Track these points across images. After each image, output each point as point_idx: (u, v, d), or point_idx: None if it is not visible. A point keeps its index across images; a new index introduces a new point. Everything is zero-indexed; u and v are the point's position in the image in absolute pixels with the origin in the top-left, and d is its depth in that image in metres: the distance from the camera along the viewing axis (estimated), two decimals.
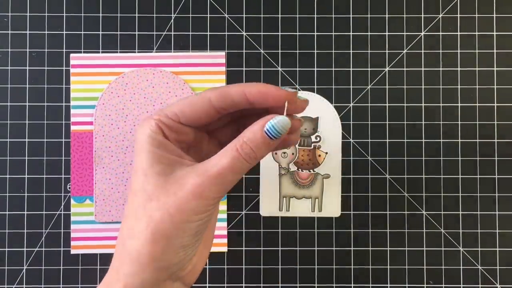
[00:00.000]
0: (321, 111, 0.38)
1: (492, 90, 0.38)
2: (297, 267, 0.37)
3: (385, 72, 0.38)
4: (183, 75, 0.38)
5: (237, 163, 0.23)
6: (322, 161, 0.37)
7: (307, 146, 0.37)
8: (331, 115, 0.38)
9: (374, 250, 0.37)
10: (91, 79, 0.37)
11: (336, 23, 0.38)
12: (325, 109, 0.38)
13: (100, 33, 0.38)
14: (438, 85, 0.38)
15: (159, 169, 0.23)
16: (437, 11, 0.38)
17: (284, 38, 0.38)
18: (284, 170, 0.38)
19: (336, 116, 0.38)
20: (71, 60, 0.38)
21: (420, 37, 0.38)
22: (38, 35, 0.38)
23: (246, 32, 0.38)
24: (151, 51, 0.38)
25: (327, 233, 0.38)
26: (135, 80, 0.37)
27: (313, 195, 0.37)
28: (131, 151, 0.37)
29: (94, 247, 0.37)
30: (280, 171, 0.38)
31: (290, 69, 0.38)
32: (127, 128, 0.37)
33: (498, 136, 0.38)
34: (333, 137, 0.37)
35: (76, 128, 0.37)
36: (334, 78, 0.38)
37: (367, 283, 0.37)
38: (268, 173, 0.38)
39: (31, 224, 0.37)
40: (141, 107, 0.37)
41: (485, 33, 0.38)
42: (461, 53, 0.38)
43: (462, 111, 0.38)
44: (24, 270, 0.37)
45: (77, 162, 0.37)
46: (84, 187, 0.37)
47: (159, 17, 0.38)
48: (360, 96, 0.38)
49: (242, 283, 0.37)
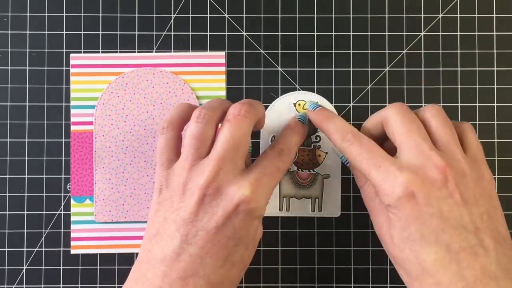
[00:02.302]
0: None
1: (492, 90, 0.38)
2: (297, 267, 0.37)
3: (385, 72, 0.38)
4: (183, 75, 0.38)
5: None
6: (322, 161, 0.37)
7: (307, 146, 0.37)
8: None
9: (374, 250, 0.37)
10: (91, 79, 0.37)
11: (336, 23, 0.38)
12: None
13: (100, 33, 0.38)
14: (438, 85, 0.38)
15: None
16: (437, 11, 0.38)
17: (284, 38, 0.38)
18: None
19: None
20: (71, 60, 0.38)
21: (420, 37, 0.38)
22: (38, 35, 0.38)
23: (246, 32, 0.38)
24: (151, 51, 0.38)
25: (327, 233, 0.38)
26: (135, 80, 0.37)
27: (313, 195, 0.37)
28: (131, 151, 0.37)
29: (94, 247, 0.37)
30: None
31: (290, 69, 0.38)
32: (127, 128, 0.37)
33: (498, 136, 0.38)
34: None
35: (76, 128, 0.37)
36: (334, 78, 0.38)
37: (367, 283, 0.37)
38: None
39: (31, 224, 0.37)
40: (141, 107, 0.37)
41: (485, 33, 0.38)
42: (461, 53, 0.38)
43: (462, 111, 0.38)
44: (24, 270, 0.37)
45: (77, 162, 0.37)
46: (84, 187, 0.37)
47: (159, 17, 0.38)
48: (360, 96, 0.38)
49: (242, 283, 0.37)
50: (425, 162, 0.28)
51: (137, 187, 0.37)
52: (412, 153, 0.28)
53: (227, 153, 0.28)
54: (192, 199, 0.28)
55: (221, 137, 0.29)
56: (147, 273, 0.28)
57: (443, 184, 0.27)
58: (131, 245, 0.37)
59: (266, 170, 0.29)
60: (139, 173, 0.37)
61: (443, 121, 0.30)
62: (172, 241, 0.27)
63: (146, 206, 0.37)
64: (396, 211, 0.28)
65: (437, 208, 0.27)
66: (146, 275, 0.28)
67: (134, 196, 0.37)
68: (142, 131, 0.37)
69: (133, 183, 0.37)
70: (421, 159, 0.28)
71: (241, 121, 0.29)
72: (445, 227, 0.27)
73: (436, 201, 0.27)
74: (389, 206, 0.29)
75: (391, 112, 0.30)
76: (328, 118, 0.33)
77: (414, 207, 0.27)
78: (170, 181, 0.29)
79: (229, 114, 0.30)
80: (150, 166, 0.37)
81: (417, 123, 0.30)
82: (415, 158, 0.28)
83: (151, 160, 0.37)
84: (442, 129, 0.30)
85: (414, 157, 0.28)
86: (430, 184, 0.27)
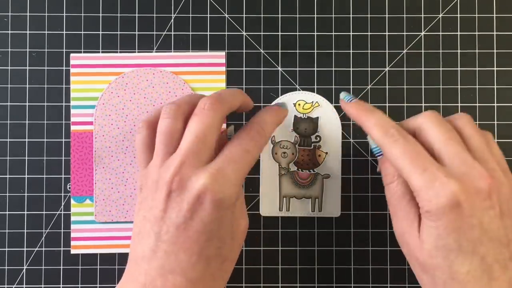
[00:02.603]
0: (321, 111, 0.38)
1: (492, 90, 0.38)
2: (297, 267, 0.37)
3: (385, 72, 0.38)
4: (183, 75, 0.38)
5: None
6: (322, 161, 0.37)
7: (307, 146, 0.37)
8: (331, 115, 0.38)
9: (374, 250, 0.37)
10: (91, 79, 0.37)
11: (336, 23, 0.38)
12: (325, 109, 0.38)
13: (100, 33, 0.38)
14: (438, 85, 0.38)
15: None
16: (437, 11, 0.38)
17: (284, 38, 0.38)
18: (284, 170, 0.38)
19: (336, 116, 0.38)
20: (71, 60, 0.38)
21: (420, 37, 0.38)
22: (38, 35, 0.38)
23: (246, 32, 0.38)
24: (151, 51, 0.38)
25: (327, 233, 0.38)
26: (135, 80, 0.37)
27: (313, 195, 0.37)
28: (131, 151, 0.37)
29: (94, 247, 0.37)
30: (280, 171, 0.38)
31: (290, 69, 0.38)
32: (127, 128, 0.37)
33: (498, 136, 0.38)
34: (333, 137, 0.37)
35: (76, 128, 0.37)
36: (334, 78, 0.38)
37: (367, 283, 0.37)
38: (268, 173, 0.38)
39: (31, 224, 0.37)
40: (141, 107, 0.37)
41: (485, 33, 0.38)
42: (461, 53, 0.38)
43: (462, 111, 0.38)
44: (24, 270, 0.37)
45: (77, 162, 0.37)
46: (84, 187, 0.37)
47: (159, 17, 0.38)
48: (360, 96, 0.38)
49: (242, 283, 0.37)
50: (469, 172, 0.27)
51: (137, 187, 0.37)
52: (455, 161, 0.28)
53: (192, 147, 0.28)
54: (160, 195, 0.27)
55: (186, 131, 0.29)
56: (133, 271, 0.28)
57: (488, 195, 0.27)
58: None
59: (231, 156, 0.28)
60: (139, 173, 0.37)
61: (475, 130, 0.30)
62: (149, 239, 0.27)
63: None
64: (436, 218, 0.27)
65: (479, 219, 0.27)
66: (133, 273, 0.28)
67: (134, 196, 0.37)
68: None
69: (133, 183, 0.37)
70: (465, 168, 0.27)
71: (206, 114, 0.29)
72: (483, 239, 0.26)
73: (480, 212, 0.27)
74: (428, 213, 0.27)
75: (426, 120, 0.30)
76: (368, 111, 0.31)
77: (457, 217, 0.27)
78: (147, 180, 0.29)
79: (196, 108, 0.29)
80: None
81: (454, 132, 0.29)
82: (459, 167, 0.27)
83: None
84: (476, 137, 0.29)
85: (458, 166, 0.27)
86: (476, 195, 0.27)
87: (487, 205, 0.27)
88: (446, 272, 0.27)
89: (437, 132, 0.29)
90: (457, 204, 0.26)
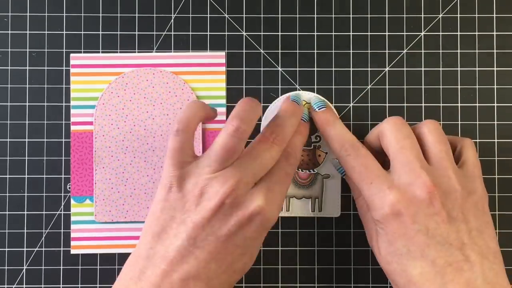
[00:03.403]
0: None
1: (492, 90, 0.38)
2: (297, 267, 0.37)
3: (385, 72, 0.38)
4: (183, 75, 0.38)
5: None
6: (322, 161, 0.37)
7: (307, 146, 0.37)
8: None
9: None
10: (91, 79, 0.37)
11: (336, 23, 0.38)
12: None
13: (100, 33, 0.38)
14: (438, 85, 0.38)
15: None
16: (437, 11, 0.38)
17: (284, 38, 0.38)
18: None
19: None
20: (71, 60, 0.38)
21: (420, 37, 0.38)
22: (38, 35, 0.38)
23: (246, 32, 0.38)
24: (151, 51, 0.38)
25: (327, 233, 0.38)
26: (135, 80, 0.37)
27: (313, 195, 0.37)
28: (131, 151, 0.37)
29: (94, 247, 0.37)
30: None
31: (290, 69, 0.38)
32: (127, 128, 0.37)
33: (498, 136, 0.38)
34: None
35: (76, 128, 0.37)
36: (334, 78, 0.38)
37: (367, 283, 0.37)
38: None
39: (31, 224, 0.37)
40: (141, 107, 0.37)
41: (485, 33, 0.38)
42: (461, 53, 0.38)
43: (462, 111, 0.38)
44: (24, 270, 0.37)
45: (77, 162, 0.37)
46: (84, 187, 0.37)
47: (159, 17, 0.38)
48: (360, 96, 0.38)
49: (242, 283, 0.37)
50: (414, 180, 0.29)
51: (137, 187, 0.37)
52: (404, 170, 0.29)
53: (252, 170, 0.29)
54: (208, 204, 0.28)
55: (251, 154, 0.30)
56: (145, 270, 0.28)
57: (430, 203, 0.28)
58: (131, 245, 0.37)
59: (276, 177, 0.30)
60: (139, 173, 0.37)
61: (438, 137, 0.31)
62: (177, 242, 0.28)
63: (146, 206, 0.37)
64: (384, 226, 0.30)
65: (423, 225, 0.28)
66: (144, 272, 0.28)
67: (134, 196, 0.37)
68: (142, 131, 0.37)
69: (133, 183, 0.37)
70: (410, 176, 0.29)
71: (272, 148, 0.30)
72: (430, 244, 0.28)
73: (423, 218, 0.28)
74: (378, 221, 0.30)
75: (386, 127, 0.31)
76: (329, 123, 0.33)
77: (401, 225, 0.29)
78: (184, 182, 0.29)
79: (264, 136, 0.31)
80: (150, 166, 0.37)
81: (411, 139, 0.30)
82: (405, 176, 0.29)
83: (151, 160, 0.37)
84: (436, 144, 0.30)
85: (404, 174, 0.29)
86: (417, 203, 0.28)
87: (430, 212, 0.28)
88: (403, 276, 0.29)
89: (393, 139, 0.30)
90: (398, 213, 0.28)
